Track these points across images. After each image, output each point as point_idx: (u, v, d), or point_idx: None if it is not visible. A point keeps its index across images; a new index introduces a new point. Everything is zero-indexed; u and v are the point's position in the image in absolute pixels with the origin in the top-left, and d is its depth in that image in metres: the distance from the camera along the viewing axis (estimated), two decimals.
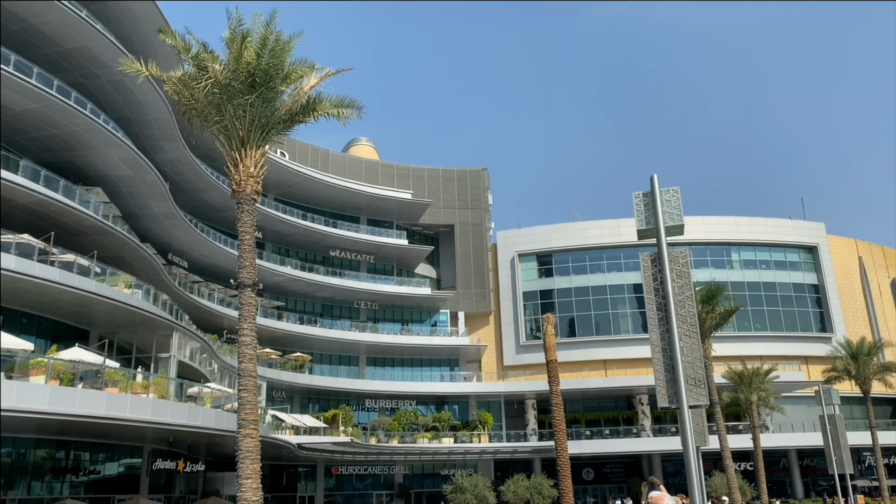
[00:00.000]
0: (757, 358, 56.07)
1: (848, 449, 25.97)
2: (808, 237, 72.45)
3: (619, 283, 68.53)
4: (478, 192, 71.10)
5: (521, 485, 37.73)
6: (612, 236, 68.02)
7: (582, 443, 58.47)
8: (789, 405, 58.22)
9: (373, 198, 65.37)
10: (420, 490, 62.33)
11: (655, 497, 5.16)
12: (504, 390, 64.11)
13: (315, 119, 17.35)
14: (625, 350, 64.83)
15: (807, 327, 69.31)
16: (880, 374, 53.91)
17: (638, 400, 62.78)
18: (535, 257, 71.49)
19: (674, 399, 9.98)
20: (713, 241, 69.70)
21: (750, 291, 68.52)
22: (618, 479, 63.79)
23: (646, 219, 11.11)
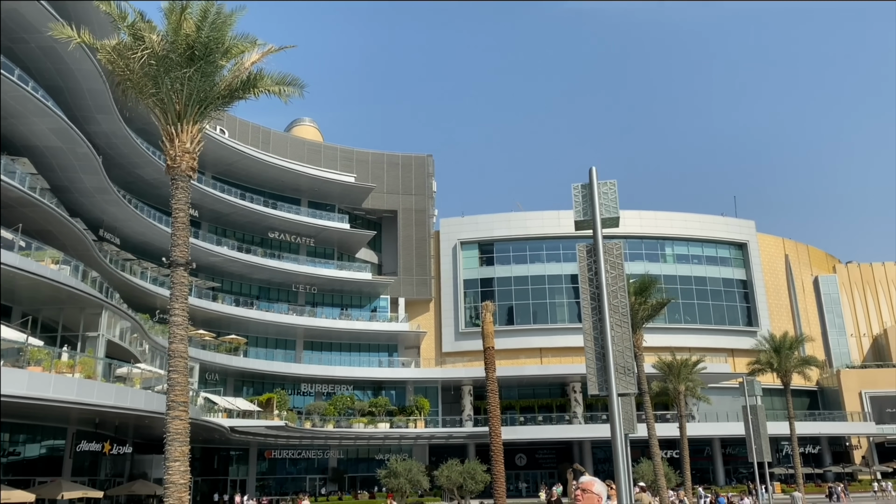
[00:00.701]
0: (686, 349, 57.91)
1: (767, 438, 27.10)
2: (738, 234, 75.02)
3: (557, 273, 69.62)
4: (422, 178, 70.98)
5: (454, 470, 38.02)
6: (553, 227, 69.00)
7: (516, 429, 59.39)
8: (715, 396, 60.32)
9: (315, 180, 64.49)
10: (354, 474, 62.31)
11: (587, 481, 5.25)
12: (442, 376, 64.50)
13: (256, 96, 16.95)
14: (560, 339, 66.02)
15: (734, 321, 71.91)
16: (800, 367, 56.42)
17: (571, 388, 64.10)
18: (477, 246, 71.94)
19: (604, 387, 10.19)
20: (648, 235, 71.47)
21: (682, 285, 70.63)
22: (549, 465, 65.10)
23: (583, 210, 11.26)
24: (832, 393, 73.34)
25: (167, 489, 14.50)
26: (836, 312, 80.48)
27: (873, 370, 74.82)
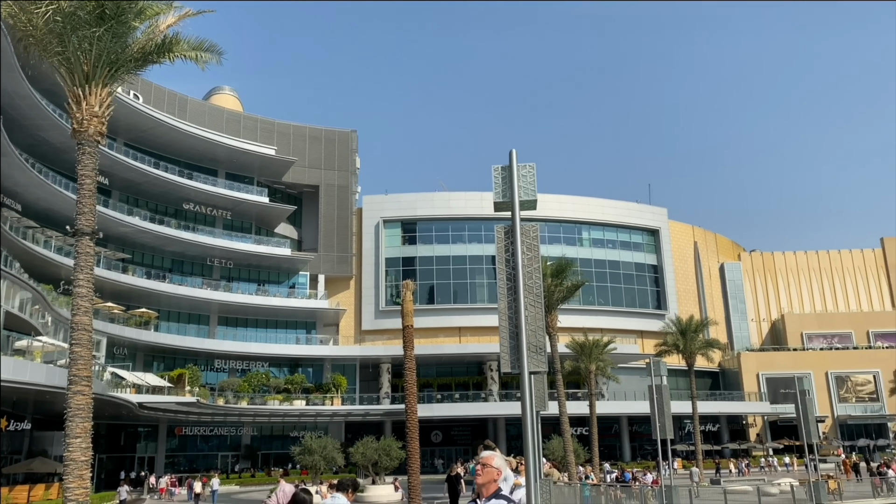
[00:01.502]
0: (598, 330, 59.86)
1: (671, 417, 28.41)
2: (651, 221, 77.75)
3: (478, 253, 70.36)
4: (345, 153, 70.09)
5: (370, 447, 38.16)
6: (476, 208, 69.56)
7: (433, 406, 60.03)
8: (624, 375, 62.72)
9: (233, 150, 62.68)
10: (268, 451, 61.63)
11: (486, 456, 5.34)
12: (360, 354, 64.38)
13: (171, 61, 16.25)
14: (480, 318, 66.90)
15: (644, 304, 74.72)
16: (704, 349, 59.32)
17: (488, 366, 65.22)
18: (400, 224, 71.79)
19: (516, 365, 10.41)
20: (567, 220, 73.11)
21: (596, 268, 72.73)
22: (464, 442, 66.20)
23: (502, 192, 11.38)
24: (732, 374, 77.46)
25: (67, 466, 13.94)
26: (739, 298, 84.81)
27: (770, 353, 79.46)
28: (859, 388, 76.10)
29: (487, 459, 5.19)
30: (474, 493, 5.29)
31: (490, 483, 5.15)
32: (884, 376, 74.94)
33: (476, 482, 5.20)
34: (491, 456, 5.24)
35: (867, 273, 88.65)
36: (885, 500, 34.39)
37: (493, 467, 5.16)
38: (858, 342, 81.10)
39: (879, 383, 75.35)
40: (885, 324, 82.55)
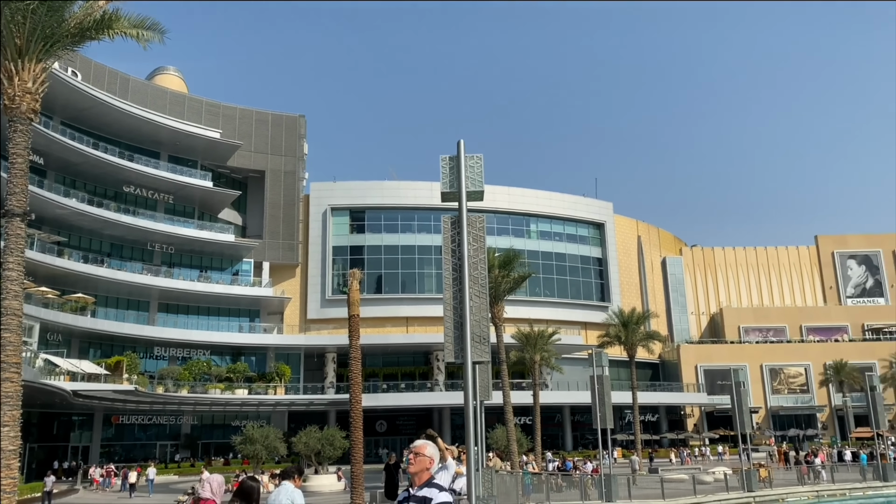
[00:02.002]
0: (544, 321, 60.66)
1: (611, 407, 28.99)
2: (597, 214, 79.04)
3: (427, 244, 70.31)
4: (293, 139, 69.04)
5: (313, 436, 37.83)
6: (426, 198, 69.41)
7: (378, 396, 59.92)
8: (567, 366, 63.71)
9: (177, 133, 61.05)
10: (209, 441, 60.60)
11: (419, 445, 5.32)
12: (305, 343, 63.75)
13: (110, 37, 15.67)
14: (427, 308, 66.91)
15: (588, 296, 76.02)
16: (645, 341, 60.75)
17: (435, 356, 65.41)
18: (349, 212, 71.19)
19: (460, 355, 10.44)
20: (516, 211, 73.69)
21: (543, 260, 73.61)
22: (409, 432, 66.23)
23: (450, 182, 11.38)
24: (672, 366, 79.52)
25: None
26: (679, 291, 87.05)
27: (709, 345, 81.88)
28: (791, 380, 79.08)
29: (420, 448, 5.17)
30: (408, 482, 5.26)
31: (423, 472, 5.12)
32: (814, 369, 78.02)
33: (409, 471, 5.18)
34: (423, 445, 5.22)
35: (801, 269, 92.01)
36: (812, 488, 35.90)
37: (425, 456, 5.14)
38: (792, 336, 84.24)
39: (810, 376, 78.43)
40: (816, 318, 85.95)
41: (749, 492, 32.31)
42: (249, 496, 7.75)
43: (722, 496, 31.76)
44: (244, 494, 7.74)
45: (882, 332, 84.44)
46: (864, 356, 76.09)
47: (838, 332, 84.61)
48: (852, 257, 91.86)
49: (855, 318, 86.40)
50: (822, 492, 35.51)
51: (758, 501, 32.40)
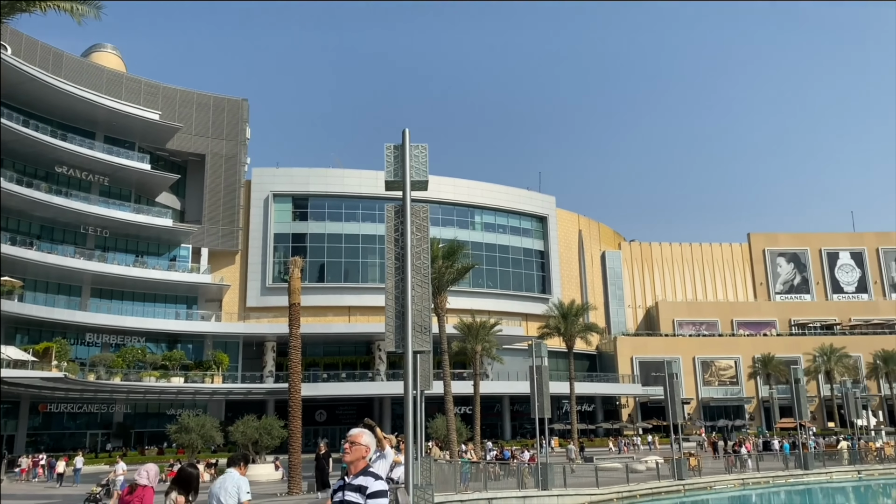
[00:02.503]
0: (486, 312, 61.17)
1: (549, 397, 29.52)
2: (540, 208, 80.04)
3: (371, 233, 69.92)
4: (235, 123, 67.57)
5: (250, 425, 37.28)
6: (371, 187, 68.93)
7: (318, 385, 59.45)
8: (508, 356, 64.47)
9: (113, 113, 58.98)
10: (142, 430, 59.13)
11: (355, 433, 5.35)
12: (244, 331, 62.71)
13: (42, 10, 15.02)
14: (370, 298, 66.62)
15: (530, 288, 77.03)
16: (583, 332, 61.95)
17: (377, 346, 65.23)
18: (291, 199, 70.18)
19: (401, 344, 10.48)
20: (461, 203, 73.96)
21: (487, 252, 74.18)
22: (349, 421, 65.97)
23: (394, 171, 11.38)
24: (609, 357, 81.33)
25: None
26: (617, 285, 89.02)
27: (644, 338, 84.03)
28: (722, 372, 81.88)
29: (356, 437, 5.21)
30: (343, 472, 5.31)
31: (359, 460, 5.17)
32: (744, 362, 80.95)
33: (344, 460, 5.21)
34: (359, 433, 5.25)
35: (734, 266, 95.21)
36: (738, 476, 37.35)
37: (361, 445, 5.19)
38: (723, 330, 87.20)
39: (739, 368, 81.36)
40: (747, 313, 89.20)
41: (679, 480, 33.41)
42: (188, 484, 7.63)
43: (653, 484, 32.76)
44: (182, 482, 7.60)
45: (807, 327, 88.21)
46: (790, 350, 79.38)
47: (767, 327, 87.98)
48: (782, 255, 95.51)
49: (783, 313, 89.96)
50: (747, 480, 37.00)
51: (687, 489, 33.53)
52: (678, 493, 32.96)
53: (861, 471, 41.66)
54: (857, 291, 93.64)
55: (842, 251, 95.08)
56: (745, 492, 35.82)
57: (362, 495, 4.98)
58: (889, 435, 61.40)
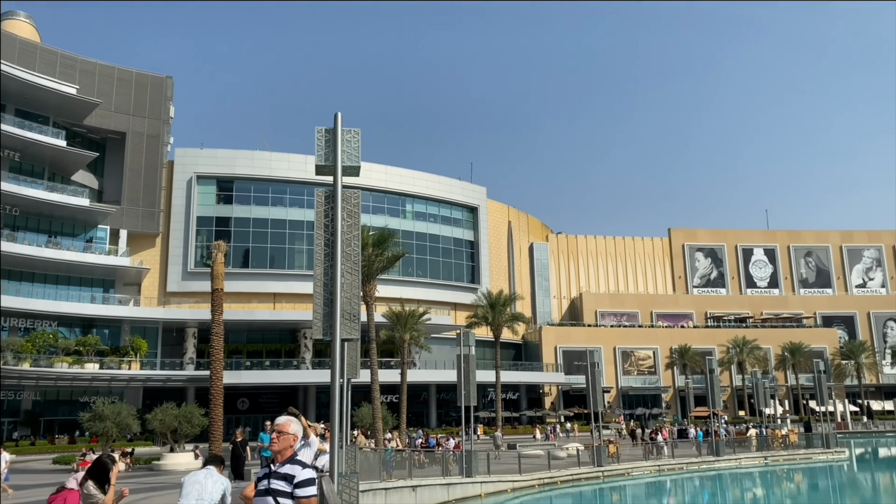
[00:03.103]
0: (415, 301, 61.17)
1: (476, 385, 29.77)
2: (472, 198, 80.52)
3: (299, 218, 68.78)
4: (158, 101, 65.08)
5: (169, 413, 36.10)
6: (300, 171, 67.75)
7: (241, 373, 58.28)
8: (436, 345, 64.72)
9: (26, 85, 55.82)
10: (53, 418, 56.59)
11: (283, 423, 5.29)
12: (164, 317, 60.72)
13: None
14: (296, 285, 65.63)
15: (460, 278, 77.50)
16: (510, 322, 62.79)
17: (302, 334, 64.38)
18: (216, 181, 68.21)
19: (328, 332, 10.30)
20: (393, 191, 73.58)
21: (417, 241, 74.14)
22: (272, 409, 64.90)
23: (325, 155, 11.14)
24: (534, 346, 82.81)
25: None
26: (544, 276, 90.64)
27: (568, 328, 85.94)
28: (641, 362, 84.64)
29: (283, 427, 5.22)
30: (268, 460, 5.27)
31: (286, 449, 5.15)
32: (661, 352, 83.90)
33: (272, 449, 5.15)
34: (287, 422, 5.25)
35: (655, 259, 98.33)
36: (654, 462, 38.71)
37: (289, 434, 5.20)
38: (643, 321, 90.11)
39: (657, 358, 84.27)
40: (666, 305, 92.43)
41: (599, 466, 34.37)
42: (104, 474, 7.33)
43: (574, 471, 33.59)
44: (97, 472, 7.29)
45: (722, 320, 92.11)
46: (706, 341, 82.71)
47: (684, 319, 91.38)
48: (700, 250, 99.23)
49: (699, 306, 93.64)
50: (663, 466, 38.39)
51: (606, 475, 34.53)
52: (597, 480, 33.90)
53: (767, 457, 43.87)
54: (768, 286, 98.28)
55: (756, 248, 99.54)
56: (660, 478, 37.16)
57: (289, 483, 4.96)
58: (793, 423, 64.84)
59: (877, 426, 75.41)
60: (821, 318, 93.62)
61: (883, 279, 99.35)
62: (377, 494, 24.36)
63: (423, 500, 26.30)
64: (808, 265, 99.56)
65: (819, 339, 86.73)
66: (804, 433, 50.14)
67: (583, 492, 32.30)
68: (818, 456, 45.57)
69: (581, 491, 32.36)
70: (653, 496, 34.33)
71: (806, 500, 33.83)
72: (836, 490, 37.76)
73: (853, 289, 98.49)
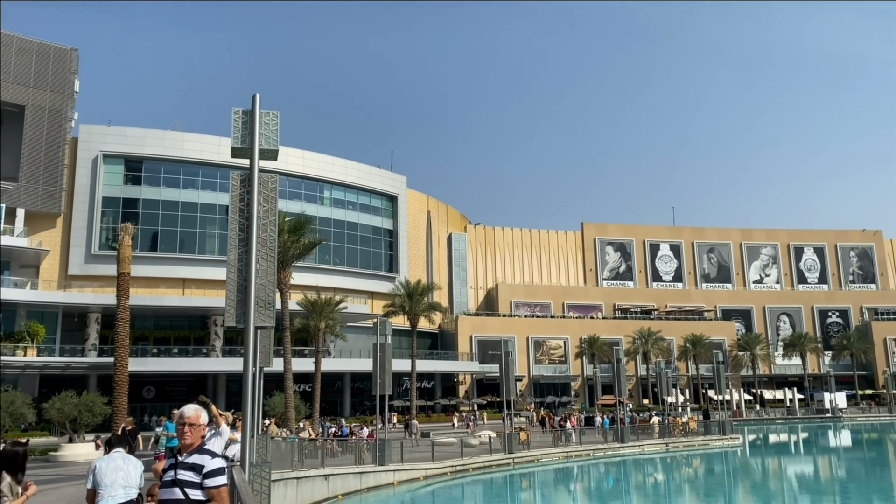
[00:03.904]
0: (331, 290, 60.59)
1: (391, 374, 29.84)
2: (391, 187, 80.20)
3: (211, 202, 66.71)
4: (62, 74, 61.55)
5: (68, 402, 34.43)
6: (213, 153, 65.62)
7: (147, 360, 56.22)
8: (352, 334, 64.36)
9: None
10: None
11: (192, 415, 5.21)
12: (65, 301, 57.72)
13: None
14: (208, 270, 63.73)
15: (378, 266, 77.18)
16: (427, 311, 63.13)
17: (213, 321, 62.63)
18: (124, 161, 65.23)
19: (241, 319, 10.08)
20: (310, 176, 72.35)
21: (335, 228, 73.29)
22: (180, 398, 62.88)
23: (242, 137, 10.86)
24: (450, 336, 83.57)
25: None
26: (462, 266, 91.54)
27: (483, 317, 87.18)
28: (552, 351, 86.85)
29: (194, 419, 5.13)
30: (173, 451, 5.19)
31: (196, 440, 5.11)
32: (572, 342, 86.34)
33: (183, 443, 5.03)
34: (197, 415, 5.16)
35: (568, 252, 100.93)
36: (563, 449, 39.92)
37: (200, 426, 5.14)
38: (555, 312, 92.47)
39: (568, 348, 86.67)
40: (577, 297, 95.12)
41: (510, 453, 35.15)
42: (13, 463, 6.92)
43: (486, 458, 34.23)
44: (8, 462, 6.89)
45: (629, 312, 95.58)
46: (613, 332, 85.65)
47: (594, 310, 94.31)
48: (610, 244, 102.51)
49: (609, 298, 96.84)
50: (571, 452, 39.65)
51: (517, 462, 35.36)
52: (508, 466, 34.67)
53: (669, 443, 46.00)
54: (673, 280, 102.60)
55: (662, 243, 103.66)
56: (568, 464, 38.36)
57: (198, 474, 4.87)
58: (693, 411, 68.13)
59: (768, 414, 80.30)
60: (721, 311, 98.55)
61: (778, 275, 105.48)
62: (289, 484, 24.10)
63: (336, 489, 26.21)
64: (711, 261, 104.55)
65: (718, 331, 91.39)
66: (703, 421, 52.84)
67: (494, 478, 32.97)
68: (715, 442, 48.15)
69: (492, 477, 33.02)
70: (560, 482, 35.39)
71: (702, 484, 35.70)
72: (729, 474, 40.01)
73: (751, 284, 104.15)
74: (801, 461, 48.48)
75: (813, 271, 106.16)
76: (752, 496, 31.75)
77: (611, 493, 32.75)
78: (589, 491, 33.40)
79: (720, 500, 30.35)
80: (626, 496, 31.70)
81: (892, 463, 46.91)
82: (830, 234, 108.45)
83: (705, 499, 30.66)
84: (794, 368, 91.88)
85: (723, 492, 32.83)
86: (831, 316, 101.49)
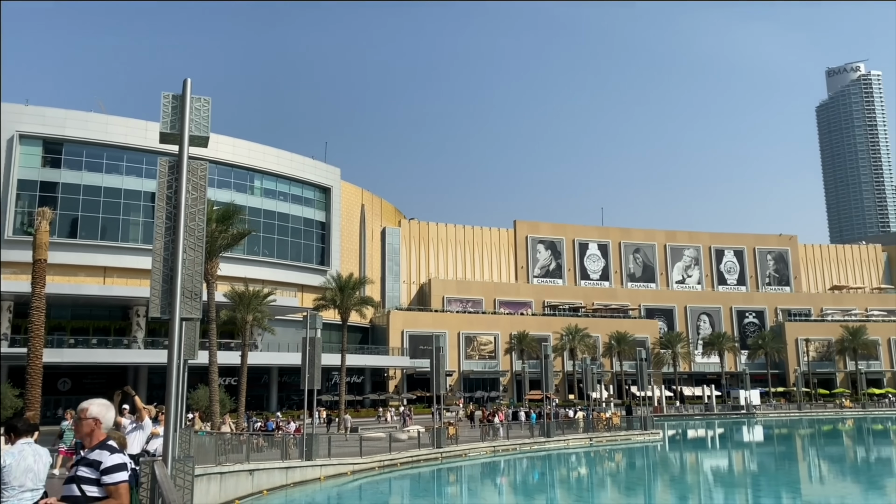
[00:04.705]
0: (261, 281, 59.48)
1: (321, 368, 29.53)
2: (325, 179, 79.23)
3: (136, 188, 64.43)
4: None
5: None
6: (139, 138, 63.33)
7: (63, 351, 53.84)
8: (281, 327, 63.24)
9: None
10: None
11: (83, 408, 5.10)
12: None
13: None
14: (130, 259, 61.57)
15: (308, 259, 76.17)
16: (359, 306, 62.61)
17: (135, 311, 60.58)
18: (42, 143, 62.27)
19: (167, 310, 9.79)
20: (240, 165, 70.73)
21: (265, 219, 71.89)
22: (99, 391, 60.25)
23: (171, 123, 10.53)
24: (381, 330, 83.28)
25: None
26: (395, 261, 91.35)
27: (416, 312, 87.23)
28: (483, 347, 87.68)
29: (84, 412, 5.04)
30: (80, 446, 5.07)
31: (91, 434, 5.00)
32: (502, 338, 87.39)
33: (76, 436, 4.96)
34: (87, 406, 5.08)
35: (500, 249, 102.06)
36: (491, 443, 40.38)
37: (88, 419, 5.01)
38: (487, 308, 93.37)
39: (498, 343, 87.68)
40: (508, 293, 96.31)
41: (438, 448, 35.32)
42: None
43: (414, 452, 34.31)
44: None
45: (558, 309, 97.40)
46: (542, 328, 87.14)
47: (524, 307, 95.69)
48: (541, 242, 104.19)
49: (539, 295, 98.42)
50: (498, 447, 40.14)
51: (445, 456, 35.57)
52: (436, 461, 34.84)
53: (593, 438, 47.16)
54: (600, 279, 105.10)
55: (591, 242, 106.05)
56: (495, 458, 38.84)
57: (96, 470, 4.78)
58: (617, 407, 70.00)
59: (687, 410, 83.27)
60: (644, 310, 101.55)
61: (699, 276, 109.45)
62: (212, 479, 23.58)
63: (261, 484, 25.78)
64: (636, 261, 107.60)
65: (642, 329, 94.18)
66: (625, 416, 54.37)
67: (421, 473, 33.08)
68: (637, 437, 49.63)
69: (420, 472, 33.12)
70: (487, 476, 35.81)
71: (624, 478, 36.75)
72: (649, 468, 41.32)
73: (674, 284, 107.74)
74: (716, 455, 50.51)
75: (732, 273, 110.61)
76: (670, 489, 32.90)
77: (536, 486, 33.36)
78: (514, 485, 33.91)
79: (640, 493, 31.32)
80: (551, 489, 32.36)
81: (800, 457, 49.45)
82: (749, 237, 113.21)
83: (626, 492, 31.59)
84: (713, 366, 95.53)
85: (643, 485, 33.91)
86: (748, 316, 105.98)
